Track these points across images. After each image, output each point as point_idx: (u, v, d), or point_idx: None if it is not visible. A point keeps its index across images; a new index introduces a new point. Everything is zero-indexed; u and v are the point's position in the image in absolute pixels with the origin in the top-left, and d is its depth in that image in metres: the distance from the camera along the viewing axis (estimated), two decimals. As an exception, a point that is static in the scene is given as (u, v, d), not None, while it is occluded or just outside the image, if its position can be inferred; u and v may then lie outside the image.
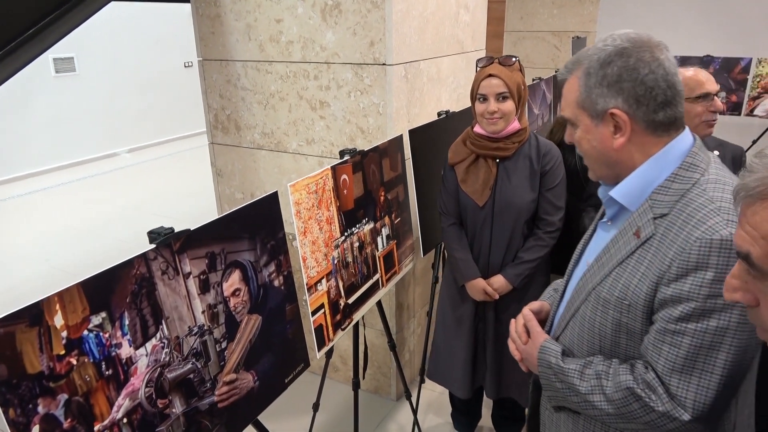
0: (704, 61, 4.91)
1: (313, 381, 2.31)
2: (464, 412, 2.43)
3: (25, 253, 4.64)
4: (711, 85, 1.79)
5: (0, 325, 0.88)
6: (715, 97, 1.78)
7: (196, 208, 5.45)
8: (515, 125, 1.88)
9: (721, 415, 0.92)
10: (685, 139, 0.98)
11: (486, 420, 2.52)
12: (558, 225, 1.94)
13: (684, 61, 4.94)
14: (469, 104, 2.81)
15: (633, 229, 0.98)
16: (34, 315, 0.92)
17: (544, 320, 1.21)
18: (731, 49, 5.21)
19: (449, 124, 2.39)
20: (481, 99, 1.86)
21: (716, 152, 1.90)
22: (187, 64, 8.36)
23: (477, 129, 1.93)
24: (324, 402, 2.24)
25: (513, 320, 1.21)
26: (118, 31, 7.26)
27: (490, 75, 1.82)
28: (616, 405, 0.97)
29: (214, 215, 1.26)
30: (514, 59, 1.85)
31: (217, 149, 2.82)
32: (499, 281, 1.96)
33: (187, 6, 2.67)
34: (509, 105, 1.83)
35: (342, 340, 2.74)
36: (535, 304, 1.23)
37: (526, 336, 1.16)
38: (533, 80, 3.30)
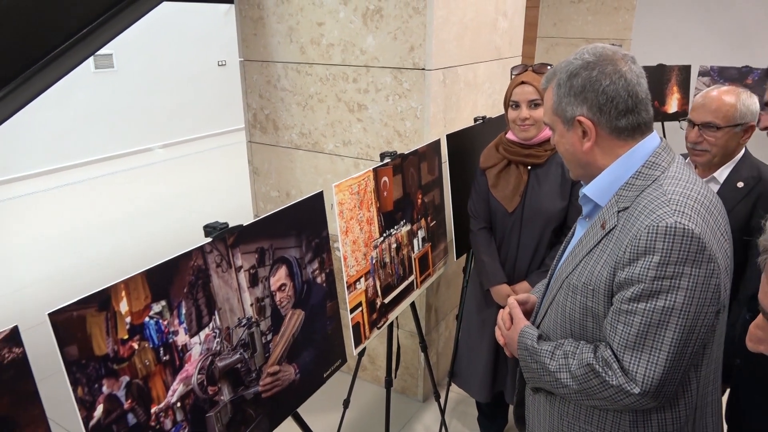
0: (743, 72, 4.83)
1: (342, 379, 2.35)
2: (490, 417, 2.45)
3: (58, 243, 4.78)
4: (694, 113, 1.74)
5: (73, 308, 0.93)
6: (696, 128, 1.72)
7: (225, 204, 5.57)
8: (547, 133, 1.89)
9: (671, 392, 1.01)
10: (652, 140, 1.08)
11: (513, 423, 2.53)
12: None
13: (722, 72, 4.87)
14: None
15: (600, 222, 1.08)
16: (103, 300, 0.98)
17: (530, 311, 1.31)
18: (771, 60, 5.11)
19: (485, 130, 2.42)
20: (514, 106, 1.88)
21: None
22: (220, 63, 8.52)
23: (509, 135, 1.96)
24: (352, 400, 2.28)
25: (501, 310, 1.30)
26: (155, 30, 7.42)
27: (523, 82, 1.85)
28: (578, 381, 1.06)
29: (244, 212, 1.29)
30: (547, 67, 1.87)
31: (254, 148, 2.89)
32: (523, 288, 1.98)
33: (222, 6, 2.74)
34: (541, 112, 1.85)
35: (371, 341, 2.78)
36: (522, 296, 1.33)
37: (509, 323, 1.26)
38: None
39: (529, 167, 1.93)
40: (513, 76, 1.91)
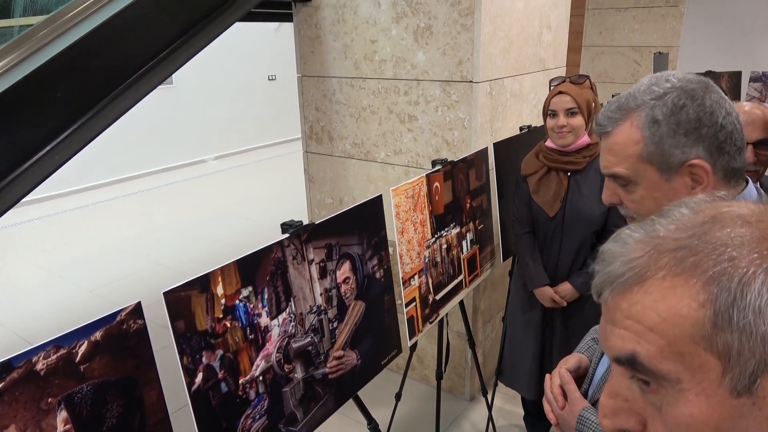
0: (796, 78, 4.73)
1: (393, 378, 2.49)
2: (536, 416, 2.52)
3: (126, 248, 5.13)
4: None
5: (181, 289, 1.11)
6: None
7: (278, 211, 5.82)
8: (585, 139, 1.99)
9: None
10: (750, 193, 0.88)
11: (558, 424, 2.60)
12: None
13: (774, 78, 4.79)
14: (549, 119, 2.94)
15: None
16: (204, 283, 1.15)
17: (583, 376, 1.10)
18: (827, 65, 4.98)
19: (530, 138, 2.52)
20: (552, 114, 1.99)
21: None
22: (270, 78, 8.88)
23: (548, 143, 2.06)
24: (402, 397, 2.41)
25: (548, 375, 1.10)
26: (209, 48, 7.84)
27: (561, 92, 1.96)
28: None
29: (298, 218, 1.39)
30: (584, 78, 1.98)
31: (310, 157, 3.08)
32: (566, 288, 2.07)
33: (272, 24, 2.95)
34: (578, 120, 1.95)
35: (419, 341, 2.90)
36: (572, 360, 1.10)
37: (562, 399, 1.04)
38: (612, 95, 3.36)
39: (569, 173, 2.03)
40: (551, 87, 2.03)
